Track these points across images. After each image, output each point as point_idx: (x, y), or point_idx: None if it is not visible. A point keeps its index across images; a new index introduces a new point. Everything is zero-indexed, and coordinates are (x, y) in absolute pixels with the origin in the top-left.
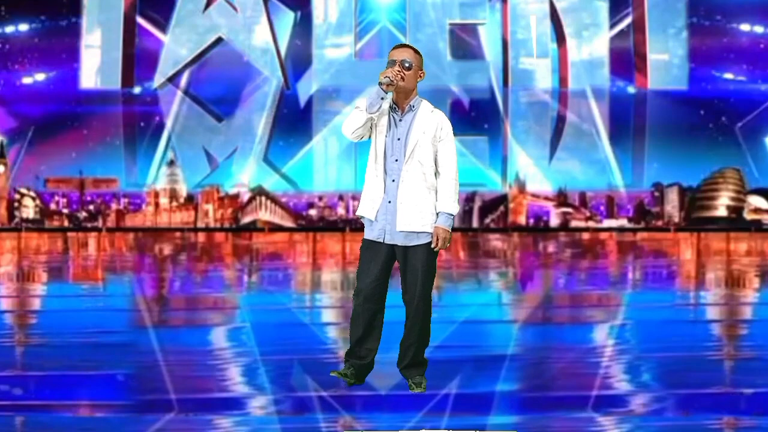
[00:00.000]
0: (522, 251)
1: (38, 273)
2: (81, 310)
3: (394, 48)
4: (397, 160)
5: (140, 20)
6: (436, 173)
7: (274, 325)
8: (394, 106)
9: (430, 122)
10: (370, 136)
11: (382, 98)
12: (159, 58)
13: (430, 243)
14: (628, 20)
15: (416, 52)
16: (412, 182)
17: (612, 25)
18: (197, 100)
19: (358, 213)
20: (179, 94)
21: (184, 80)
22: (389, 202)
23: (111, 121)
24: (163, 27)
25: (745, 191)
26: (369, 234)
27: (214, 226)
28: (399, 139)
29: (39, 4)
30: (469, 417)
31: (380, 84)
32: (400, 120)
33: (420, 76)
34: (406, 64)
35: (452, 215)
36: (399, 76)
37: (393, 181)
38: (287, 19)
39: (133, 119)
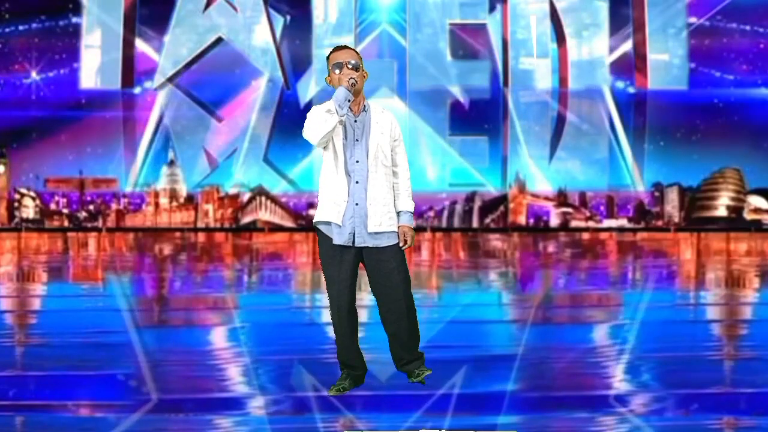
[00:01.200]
0: (522, 251)
1: (38, 273)
2: (81, 310)
3: (334, 51)
4: (358, 161)
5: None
6: (394, 173)
7: (274, 325)
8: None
9: (385, 122)
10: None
11: (349, 100)
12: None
13: (398, 242)
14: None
15: (357, 53)
16: (379, 183)
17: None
18: (197, 100)
19: (319, 219)
20: (179, 94)
21: (184, 80)
22: (356, 204)
23: (111, 121)
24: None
25: (745, 191)
26: (337, 239)
27: (214, 226)
28: (357, 140)
29: (39, 4)
30: (469, 417)
31: (347, 85)
32: (355, 121)
33: (365, 77)
34: (354, 65)
35: (412, 213)
36: (355, 77)
37: (357, 182)
38: (277, 23)
39: (133, 119)
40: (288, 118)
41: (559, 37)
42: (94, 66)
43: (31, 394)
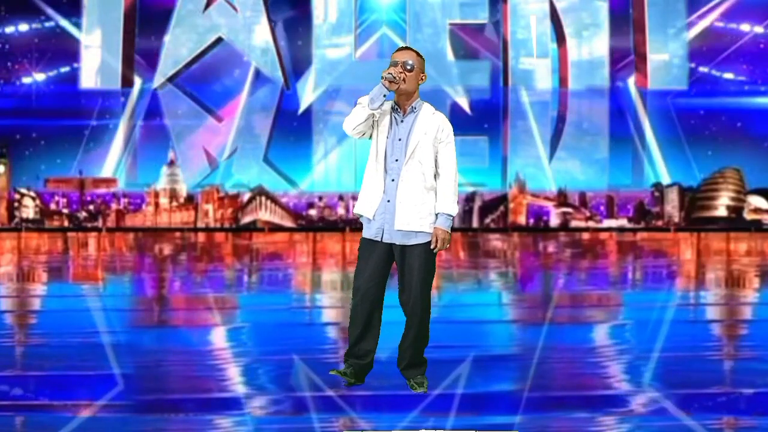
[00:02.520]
0: (522, 251)
1: (38, 273)
2: (81, 310)
3: (397, 50)
4: (397, 160)
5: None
6: (436, 174)
7: (274, 325)
8: (395, 106)
9: (432, 124)
10: (370, 136)
11: (384, 95)
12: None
13: (429, 243)
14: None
15: (418, 55)
16: (412, 182)
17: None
18: (197, 100)
19: (355, 211)
20: (179, 94)
21: (184, 80)
22: (388, 201)
23: (111, 122)
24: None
25: (745, 191)
26: (367, 233)
27: (214, 226)
28: (400, 140)
29: (39, 4)
30: (469, 417)
31: (383, 80)
32: (402, 121)
33: (422, 79)
34: (408, 66)
35: (452, 216)
36: (401, 75)
37: (392, 180)
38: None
39: (133, 119)
40: (288, 118)
41: (559, 37)
42: (94, 66)
43: (31, 394)
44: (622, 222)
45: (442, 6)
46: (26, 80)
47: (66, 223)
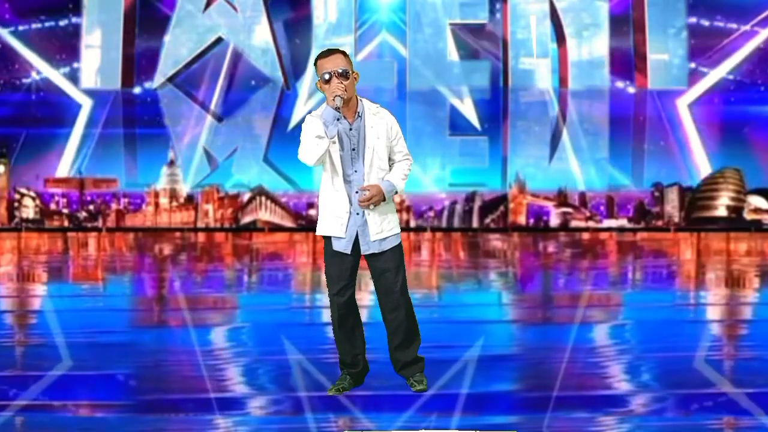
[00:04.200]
0: (522, 251)
1: (38, 273)
2: (81, 310)
3: (321, 57)
4: (356, 171)
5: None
6: (391, 165)
7: (274, 325)
8: (339, 116)
9: (381, 126)
10: None
11: (338, 119)
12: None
13: (400, 244)
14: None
15: (345, 55)
16: None
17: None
18: (197, 100)
19: (321, 233)
20: (179, 94)
21: (184, 80)
22: (357, 213)
23: (111, 121)
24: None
25: (745, 191)
26: (338, 246)
27: (214, 226)
28: (354, 149)
29: (39, 4)
30: (470, 417)
31: (330, 103)
32: (350, 129)
33: (356, 78)
34: (344, 73)
35: (395, 187)
36: (342, 87)
37: (356, 192)
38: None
39: (133, 119)
40: (288, 118)
41: (559, 37)
42: (94, 66)
43: (31, 394)
44: (622, 222)
45: (442, 6)
46: (26, 80)
47: (66, 223)
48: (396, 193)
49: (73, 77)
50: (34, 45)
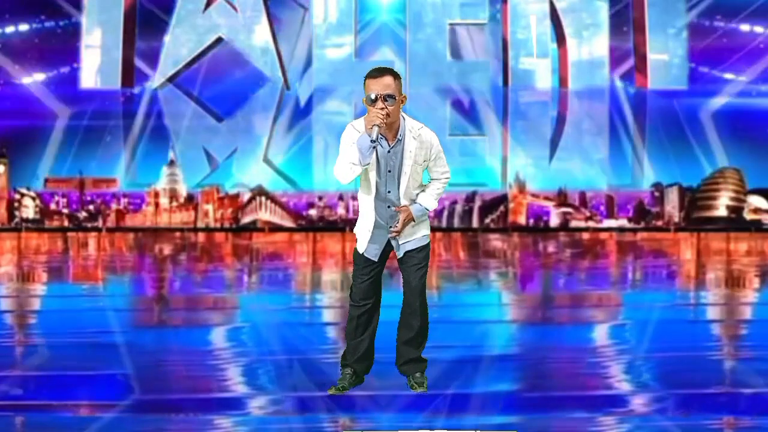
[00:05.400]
0: (522, 251)
1: (38, 273)
2: (81, 310)
3: (370, 77)
4: (390, 192)
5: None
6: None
7: (274, 325)
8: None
9: (419, 150)
10: None
11: (373, 146)
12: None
13: (427, 244)
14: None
15: (395, 76)
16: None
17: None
18: (197, 100)
19: (359, 248)
20: (179, 94)
21: (183, 80)
22: (387, 231)
23: (111, 121)
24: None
25: (745, 191)
26: (367, 251)
27: (214, 226)
28: (390, 171)
29: (39, 4)
30: (470, 417)
31: (370, 135)
32: (389, 151)
33: (403, 101)
34: (389, 99)
35: (426, 210)
36: (385, 113)
37: (389, 207)
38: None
39: (133, 119)
40: (288, 118)
41: (559, 37)
42: (94, 66)
43: (31, 394)
44: (622, 222)
45: (442, 6)
46: (26, 80)
47: (66, 223)
48: (427, 211)
49: (73, 77)
50: (34, 45)
